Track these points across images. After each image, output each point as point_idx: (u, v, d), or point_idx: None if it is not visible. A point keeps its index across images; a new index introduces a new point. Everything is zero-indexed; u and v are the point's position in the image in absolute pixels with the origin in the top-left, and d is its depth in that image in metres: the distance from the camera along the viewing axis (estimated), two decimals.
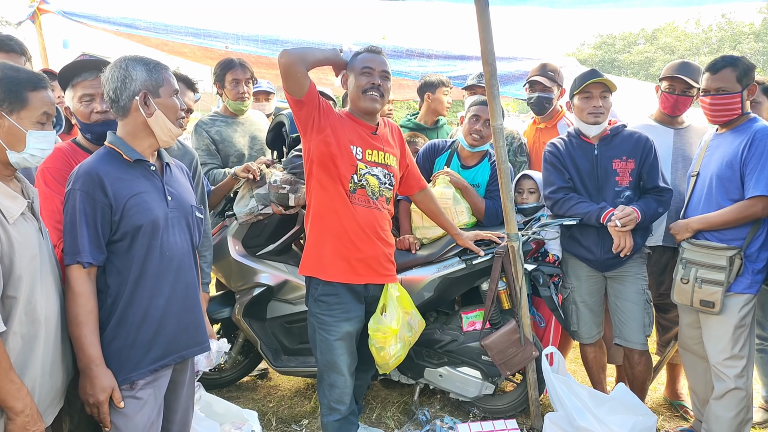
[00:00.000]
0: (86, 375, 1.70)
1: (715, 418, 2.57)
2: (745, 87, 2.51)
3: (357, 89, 2.46)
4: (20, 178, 1.72)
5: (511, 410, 3.05)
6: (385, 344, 2.48)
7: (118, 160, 1.81)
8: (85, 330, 1.69)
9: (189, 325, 1.91)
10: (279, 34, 5.32)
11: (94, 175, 1.73)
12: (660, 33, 33.51)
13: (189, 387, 2.05)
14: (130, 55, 1.85)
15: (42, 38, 4.91)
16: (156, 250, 1.80)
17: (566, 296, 2.99)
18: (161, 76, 1.84)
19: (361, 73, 2.46)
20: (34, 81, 1.63)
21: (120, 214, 1.74)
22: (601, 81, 2.76)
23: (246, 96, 3.54)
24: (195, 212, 2.00)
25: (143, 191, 1.80)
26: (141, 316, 1.78)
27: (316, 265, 2.46)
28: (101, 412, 1.71)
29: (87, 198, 1.71)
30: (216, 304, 3.35)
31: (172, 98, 1.86)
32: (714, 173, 2.56)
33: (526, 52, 5.21)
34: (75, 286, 1.70)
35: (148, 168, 1.87)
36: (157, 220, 1.80)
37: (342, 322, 2.45)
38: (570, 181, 2.86)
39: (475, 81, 3.96)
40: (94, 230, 1.72)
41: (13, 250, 1.53)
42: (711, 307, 2.49)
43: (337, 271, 2.43)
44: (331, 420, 2.54)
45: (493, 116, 2.63)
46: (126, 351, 1.76)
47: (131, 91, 1.79)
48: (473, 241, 2.84)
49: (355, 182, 2.43)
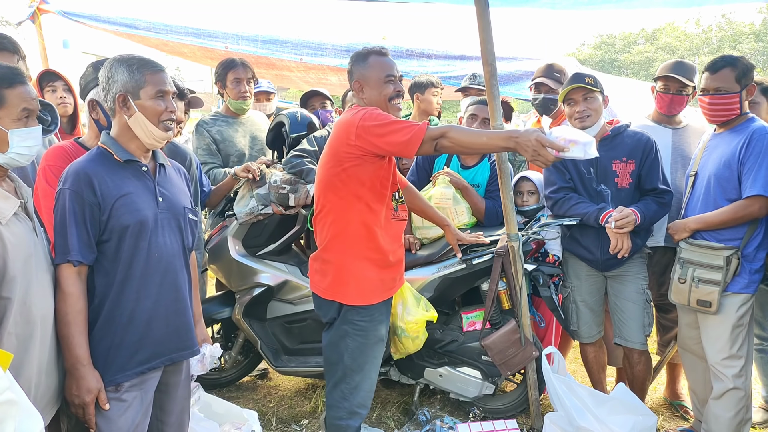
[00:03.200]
0: (72, 375, 1.68)
1: (714, 418, 2.57)
2: (744, 87, 2.51)
3: (383, 97, 2.35)
4: (13, 177, 1.71)
5: (511, 410, 3.05)
6: (419, 333, 2.65)
7: (109, 160, 1.80)
8: (73, 330, 1.67)
9: (178, 328, 1.88)
10: (279, 34, 5.32)
11: (83, 174, 1.72)
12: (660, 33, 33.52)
13: (184, 388, 2.02)
14: (118, 56, 1.83)
15: (42, 38, 4.90)
16: (143, 251, 1.78)
17: (566, 296, 2.99)
18: (144, 78, 1.79)
19: (386, 81, 2.35)
20: (9, 77, 1.60)
21: (108, 214, 1.73)
22: (578, 86, 2.74)
23: (247, 95, 3.55)
24: (188, 214, 1.97)
25: (132, 191, 1.78)
26: (127, 318, 1.76)
27: (358, 296, 2.33)
28: (87, 413, 1.69)
29: (76, 197, 1.70)
30: (216, 304, 3.35)
31: (154, 100, 1.80)
32: (712, 173, 2.56)
33: (526, 52, 5.22)
34: (65, 286, 1.68)
35: (139, 168, 1.84)
36: (145, 220, 1.78)
37: (379, 324, 2.40)
38: (571, 182, 2.86)
39: (468, 83, 3.96)
40: (84, 229, 1.71)
41: (6, 251, 1.52)
42: (708, 306, 2.50)
43: (377, 294, 2.37)
44: (353, 425, 2.42)
45: (493, 116, 2.63)
46: (112, 353, 1.74)
47: (113, 92, 1.79)
48: (461, 243, 2.85)
49: (396, 199, 2.41)
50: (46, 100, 3.02)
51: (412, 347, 2.70)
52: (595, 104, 2.77)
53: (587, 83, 2.74)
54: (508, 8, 3.04)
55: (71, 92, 3.27)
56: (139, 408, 1.81)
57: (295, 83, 6.79)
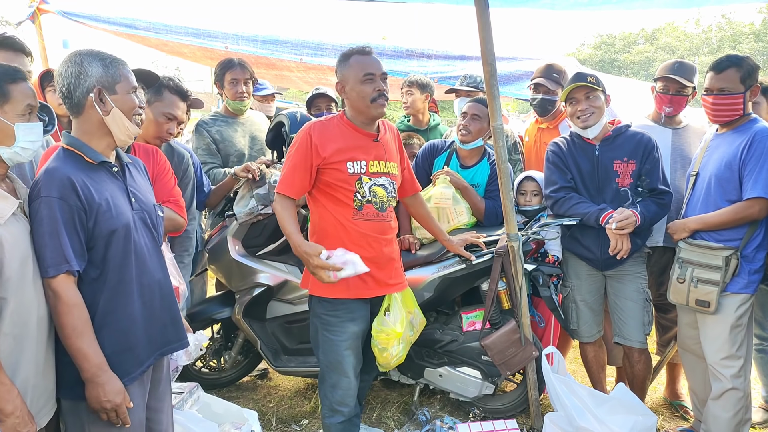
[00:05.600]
0: (96, 383, 1.64)
1: (714, 418, 2.57)
2: (748, 88, 2.50)
3: (362, 98, 2.33)
4: (12, 178, 1.71)
5: (511, 410, 3.05)
6: (387, 345, 2.45)
7: (80, 162, 1.72)
8: (86, 340, 1.63)
9: (168, 323, 1.89)
10: (278, 35, 5.32)
11: (66, 179, 1.63)
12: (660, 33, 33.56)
13: (166, 383, 2.03)
14: (85, 50, 1.75)
15: (42, 38, 4.90)
16: (131, 254, 1.75)
17: (566, 295, 2.99)
18: (118, 72, 1.75)
19: (363, 81, 2.32)
20: (12, 74, 1.60)
21: (94, 220, 1.67)
22: (580, 85, 2.75)
23: (245, 96, 3.55)
24: (158, 211, 1.96)
25: (111, 194, 1.73)
26: (123, 322, 1.74)
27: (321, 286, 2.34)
28: (120, 413, 1.68)
29: (63, 204, 1.62)
30: (216, 304, 3.35)
31: (129, 95, 1.77)
32: (713, 173, 2.56)
33: (526, 52, 5.23)
34: (68, 297, 1.61)
35: (110, 170, 1.79)
36: (128, 223, 1.75)
37: (346, 322, 2.40)
38: (572, 181, 2.86)
39: (457, 84, 3.95)
40: (76, 237, 1.64)
41: (4, 251, 1.51)
42: (706, 306, 2.49)
43: (347, 289, 2.35)
44: (333, 422, 2.46)
45: (493, 116, 2.63)
46: (115, 359, 1.71)
47: (85, 87, 1.70)
48: (463, 246, 2.83)
49: (359, 199, 2.36)
50: (45, 101, 3.03)
51: (380, 358, 2.48)
52: (597, 103, 2.77)
53: (589, 82, 2.74)
54: (508, 8, 3.04)
55: None
56: (142, 406, 1.83)
57: (295, 83, 6.80)
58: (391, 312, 2.45)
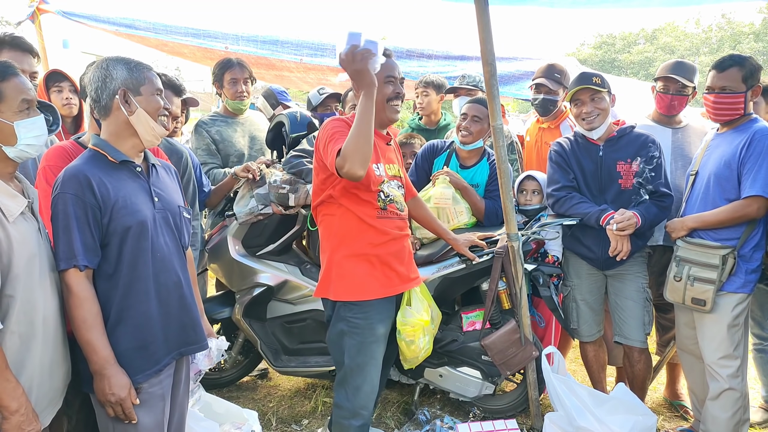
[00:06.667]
0: (103, 376, 1.68)
1: (712, 418, 2.58)
2: (750, 88, 2.50)
3: (381, 98, 2.32)
4: (20, 178, 1.73)
5: (511, 410, 3.05)
6: (414, 337, 2.45)
7: (103, 162, 1.78)
8: (95, 333, 1.67)
9: (187, 324, 1.91)
10: (279, 35, 5.32)
11: (82, 177, 1.70)
12: (660, 33, 33.56)
13: (185, 384, 2.05)
14: (112, 56, 1.83)
15: (42, 38, 4.90)
16: (147, 252, 1.78)
17: (566, 294, 2.99)
18: (142, 75, 1.82)
19: (385, 82, 2.33)
20: (2, 71, 1.60)
21: (109, 217, 1.72)
22: (586, 87, 2.74)
23: (245, 95, 3.55)
24: (182, 212, 1.98)
25: (130, 192, 1.78)
26: (138, 319, 1.76)
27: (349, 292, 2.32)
28: (125, 407, 1.70)
29: (77, 201, 1.68)
30: (216, 304, 3.35)
31: (154, 96, 1.83)
32: (712, 172, 2.56)
33: (526, 52, 5.23)
34: (78, 291, 1.67)
35: (133, 169, 1.84)
36: (145, 221, 1.78)
37: (376, 324, 2.37)
38: (574, 181, 2.86)
39: (458, 83, 3.96)
40: (88, 233, 1.69)
41: (12, 248, 1.53)
42: (702, 305, 2.49)
43: (370, 291, 2.33)
44: (354, 425, 2.41)
45: (493, 116, 2.63)
46: (128, 355, 1.75)
47: (111, 89, 1.78)
48: (468, 246, 2.82)
49: (383, 199, 2.35)
50: (50, 101, 3.03)
51: (408, 352, 2.50)
52: (602, 104, 2.77)
53: (594, 83, 2.74)
54: (508, 6, 3.04)
55: (77, 93, 3.26)
56: (161, 406, 1.84)
57: (295, 84, 6.79)
58: (413, 304, 2.47)
